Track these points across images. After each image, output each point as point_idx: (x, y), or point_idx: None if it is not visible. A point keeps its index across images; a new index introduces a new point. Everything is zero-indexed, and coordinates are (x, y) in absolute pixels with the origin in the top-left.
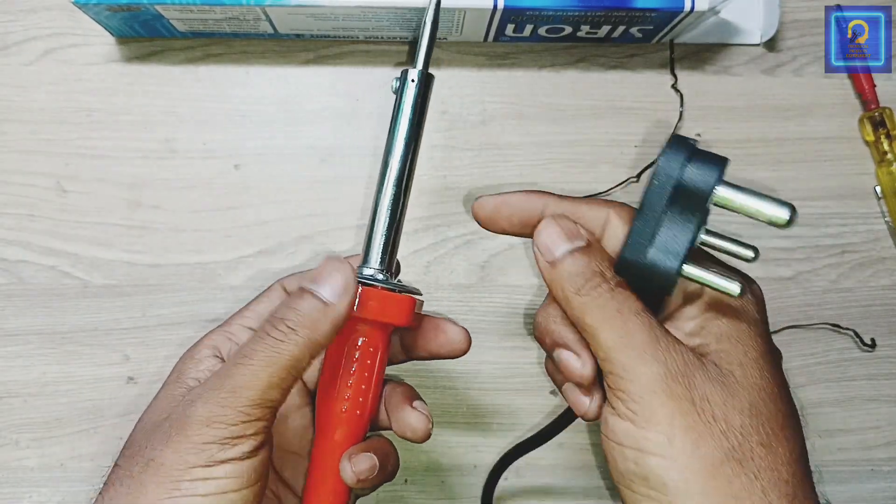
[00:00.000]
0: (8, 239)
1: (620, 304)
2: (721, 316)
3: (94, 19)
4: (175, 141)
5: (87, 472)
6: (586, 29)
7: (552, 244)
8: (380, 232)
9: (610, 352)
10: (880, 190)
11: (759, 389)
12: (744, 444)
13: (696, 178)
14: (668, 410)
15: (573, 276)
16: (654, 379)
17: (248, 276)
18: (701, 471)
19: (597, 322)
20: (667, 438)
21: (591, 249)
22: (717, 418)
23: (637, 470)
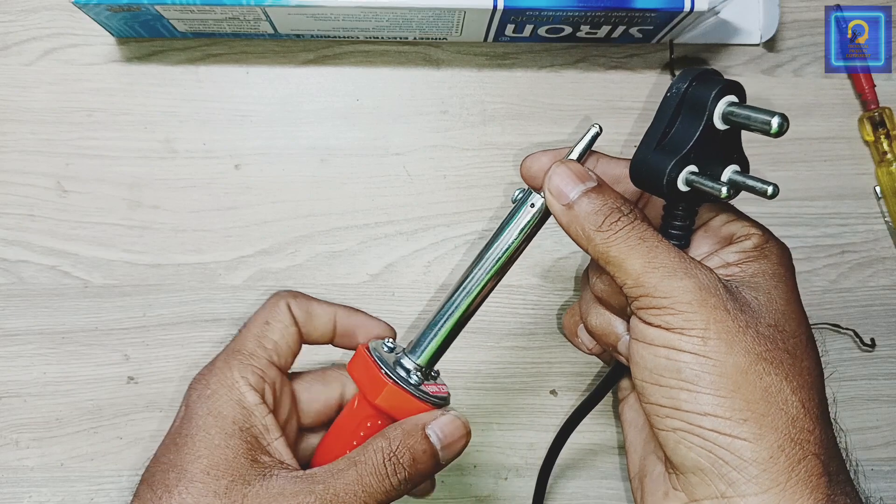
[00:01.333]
0: (8, 239)
1: (641, 233)
2: (759, 258)
3: (94, 19)
4: (175, 141)
5: (87, 472)
6: (586, 29)
7: (564, 187)
8: (438, 337)
9: (640, 277)
10: (880, 190)
11: (783, 313)
12: (773, 351)
13: (701, 91)
14: (703, 317)
15: (591, 215)
16: (687, 291)
17: (248, 276)
18: (734, 367)
19: (622, 252)
20: (702, 340)
21: (604, 188)
22: (749, 325)
23: (669, 364)
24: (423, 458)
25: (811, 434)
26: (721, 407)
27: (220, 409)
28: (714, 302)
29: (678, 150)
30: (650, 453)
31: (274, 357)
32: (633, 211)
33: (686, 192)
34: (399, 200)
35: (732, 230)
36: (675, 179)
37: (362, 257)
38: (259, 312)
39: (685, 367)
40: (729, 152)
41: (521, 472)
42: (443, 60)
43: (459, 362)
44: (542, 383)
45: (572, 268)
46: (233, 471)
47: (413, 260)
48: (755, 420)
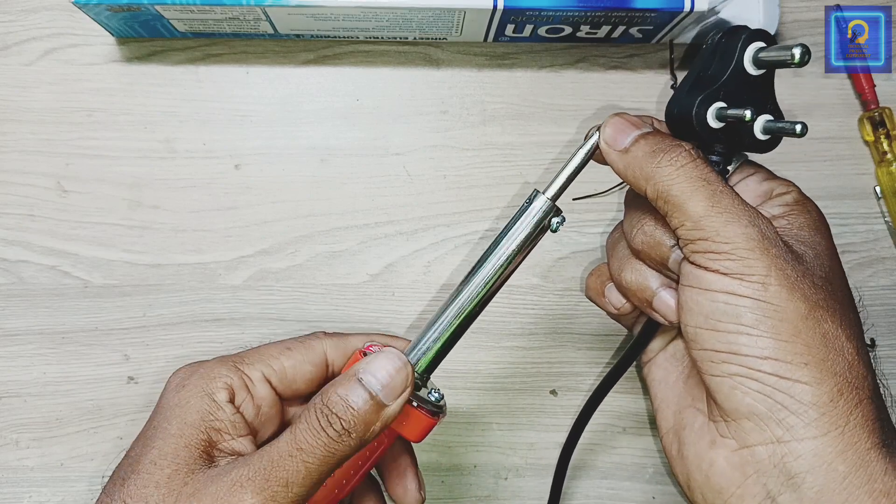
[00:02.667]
0: (8, 239)
1: (705, 174)
2: (802, 212)
3: (94, 19)
4: (175, 141)
5: (87, 472)
6: (586, 29)
7: (619, 134)
8: (436, 344)
9: (702, 219)
10: (880, 190)
11: (830, 268)
12: (828, 300)
13: (731, 39)
14: (764, 264)
15: (650, 154)
16: (750, 239)
17: (248, 276)
18: (794, 312)
19: (684, 192)
20: (762, 286)
21: (660, 133)
22: (806, 275)
23: (728, 309)
24: (360, 402)
25: (865, 379)
26: (781, 351)
27: (188, 400)
28: (775, 251)
29: (708, 87)
30: (687, 406)
31: (273, 378)
32: (693, 149)
33: (718, 129)
34: (399, 200)
35: (770, 186)
36: (704, 113)
37: (362, 257)
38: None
39: (745, 312)
40: (762, 100)
41: (521, 472)
42: (443, 60)
43: (459, 362)
44: (542, 383)
45: (572, 268)
46: (178, 460)
47: (413, 260)
48: (815, 364)
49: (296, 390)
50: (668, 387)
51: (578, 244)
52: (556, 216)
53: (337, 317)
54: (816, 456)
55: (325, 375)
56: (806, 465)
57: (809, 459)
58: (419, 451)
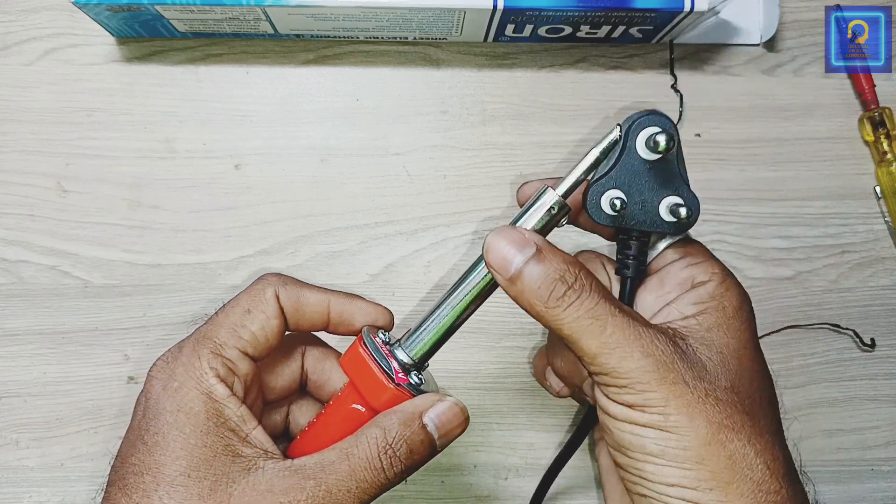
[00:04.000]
0: (8, 239)
1: (592, 309)
2: (715, 309)
3: (94, 19)
4: (175, 141)
5: (87, 472)
6: (586, 29)
7: (503, 260)
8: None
9: (596, 358)
10: (880, 190)
11: (737, 373)
12: (733, 416)
13: (626, 129)
14: (663, 394)
15: (536, 291)
16: (646, 371)
17: (248, 276)
18: (697, 438)
19: (574, 332)
20: (662, 416)
21: (544, 254)
22: (708, 394)
23: (634, 440)
24: (420, 448)
25: (777, 495)
26: (686, 479)
27: (191, 405)
28: (672, 377)
29: (603, 176)
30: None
31: (249, 349)
32: (580, 277)
33: (614, 215)
34: (399, 200)
35: (693, 273)
36: (596, 201)
37: (362, 257)
38: (241, 298)
39: (649, 443)
40: (667, 183)
41: (521, 472)
42: (443, 60)
43: (459, 362)
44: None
45: None
46: (215, 469)
47: (413, 260)
48: (721, 489)
49: (270, 347)
50: (612, 478)
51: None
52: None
53: None
54: None
55: (282, 331)
56: None
57: None
58: None
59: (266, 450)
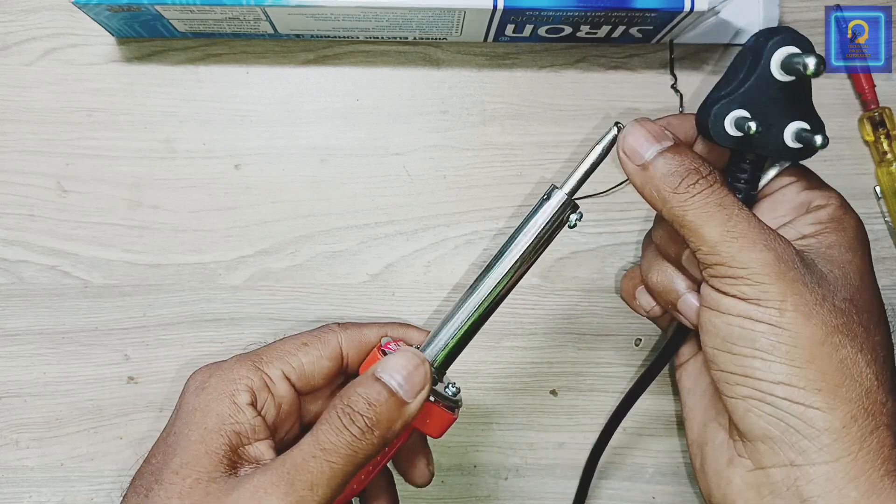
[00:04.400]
0: (8, 239)
1: (721, 199)
2: (836, 230)
3: (94, 19)
4: (175, 141)
5: (87, 472)
6: (586, 29)
7: (639, 147)
8: (452, 340)
9: (717, 245)
10: (880, 190)
11: (857, 288)
12: (849, 324)
13: (762, 42)
14: (780, 289)
15: (667, 176)
16: (766, 263)
17: (248, 276)
18: (809, 338)
19: (699, 218)
20: (778, 311)
21: (681, 148)
22: (826, 298)
23: (743, 333)
24: (381, 399)
25: (884, 406)
26: (795, 376)
27: (209, 404)
28: (792, 275)
29: (731, 94)
30: (711, 420)
31: (293, 376)
32: (713, 173)
33: (738, 137)
34: (399, 200)
35: (810, 198)
36: (721, 121)
37: (362, 257)
38: (302, 334)
39: (760, 337)
40: (796, 108)
41: (521, 472)
42: (443, 60)
43: (459, 362)
44: (542, 383)
45: (572, 268)
46: (200, 468)
47: (413, 260)
48: (829, 390)
49: (313, 386)
50: (695, 398)
51: (578, 244)
52: (573, 212)
53: (337, 317)
54: (828, 481)
55: (341, 368)
56: (818, 489)
57: (822, 484)
58: None
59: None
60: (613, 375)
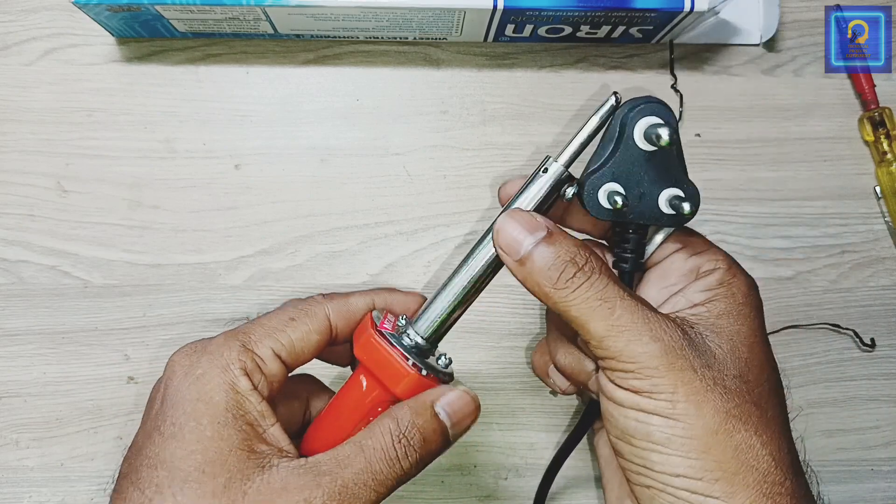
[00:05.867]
0: (8, 239)
1: (601, 291)
2: (724, 297)
3: (94, 19)
4: (175, 141)
5: (87, 472)
6: (586, 29)
7: (514, 241)
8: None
9: (603, 341)
10: (880, 190)
11: (746, 362)
12: (741, 405)
13: (624, 114)
14: (671, 381)
15: (545, 270)
16: (654, 356)
17: (248, 276)
18: (703, 428)
19: (583, 314)
20: (670, 403)
21: (556, 236)
22: (717, 382)
23: (639, 427)
24: (434, 437)
25: (782, 486)
26: (692, 468)
27: (212, 395)
28: (681, 364)
29: (601, 167)
30: (626, 496)
31: (283, 353)
32: (590, 260)
33: (614, 210)
34: (399, 200)
35: (698, 263)
36: (594, 195)
37: (362, 257)
38: (287, 308)
39: (655, 431)
40: (667, 175)
41: (521, 472)
42: (443, 60)
43: (459, 362)
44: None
45: None
46: (230, 466)
47: (413, 260)
48: (727, 479)
49: (303, 360)
50: (611, 469)
51: None
52: (569, 185)
53: None
54: None
55: (329, 340)
56: None
57: None
58: None
59: (281, 448)
60: None
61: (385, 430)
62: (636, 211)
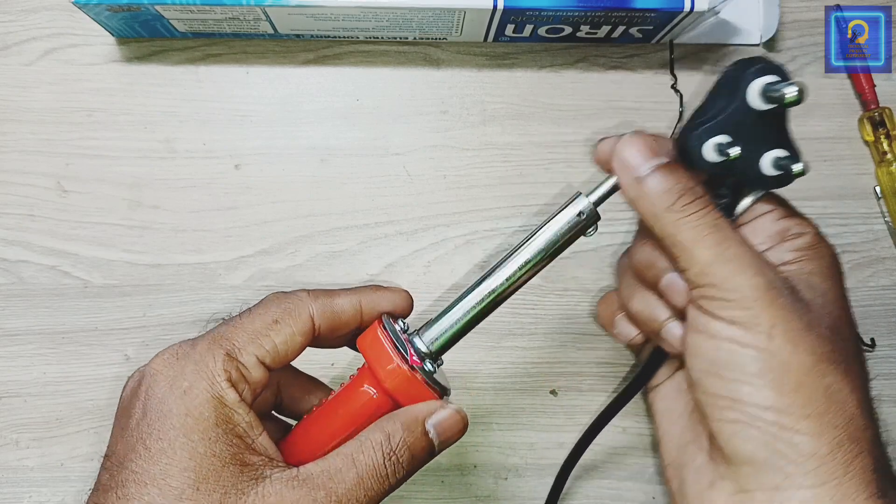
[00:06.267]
0: (8, 239)
1: (715, 220)
2: (815, 258)
3: (94, 19)
4: (175, 141)
5: (87, 472)
6: (586, 29)
7: (635, 161)
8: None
9: (708, 266)
10: (880, 190)
11: (838, 317)
12: (833, 353)
13: (740, 72)
14: (770, 315)
15: (662, 193)
16: (757, 288)
17: (248, 276)
18: (798, 365)
19: (692, 238)
20: (768, 336)
21: (676, 167)
22: (812, 326)
23: (732, 358)
24: (421, 454)
25: (865, 432)
26: (784, 402)
27: (200, 409)
28: (781, 302)
29: (710, 120)
30: (689, 443)
31: (267, 359)
32: (705, 196)
33: (718, 163)
34: (399, 200)
35: (787, 226)
36: (699, 146)
37: (362, 257)
38: (270, 306)
39: (749, 362)
40: (773, 136)
41: (521, 472)
42: (443, 60)
43: (459, 362)
44: (542, 383)
45: (573, 268)
46: (223, 481)
47: (413, 260)
48: (816, 417)
49: (285, 364)
50: (671, 420)
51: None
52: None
53: None
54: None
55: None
56: None
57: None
58: None
59: (271, 457)
60: (613, 375)
61: (377, 446)
62: (739, 168)
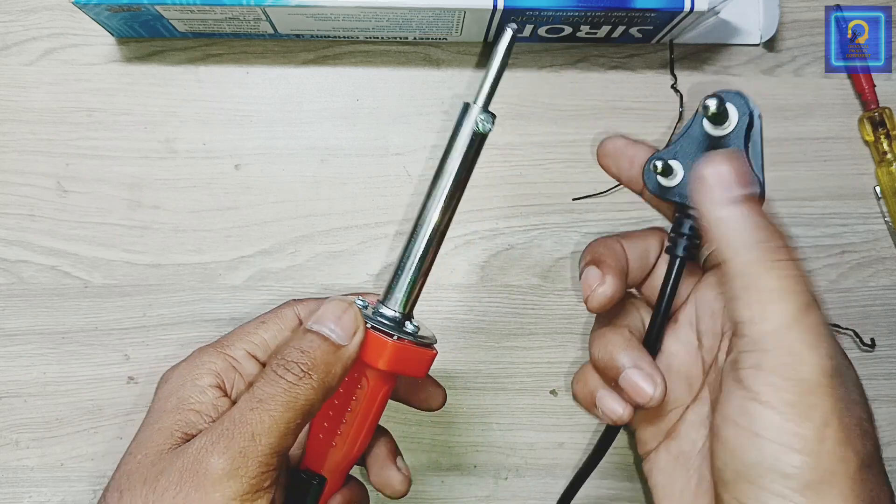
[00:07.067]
0: (8, 239)
1: (799, 275)
2: None
3: (94, 19)
4: (175, 141)
5: (87, 472)
6: (586, 29)
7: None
8: (408, 274)
9: (781, 329)
10: (880, 190)
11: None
12: (872, 454)
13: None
14: (827, 408)
15: (752, 228)
16: (824, 373)
17: (248, 276)
18: (845, 473)
19: (773, 290)
20: (818, 439)
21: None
22: (856, 423)
23: (776, 465)
24: (314, 346)
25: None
26: None
27: (171, 391)
28: (841, 393)
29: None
30: None
31: (257, 352)
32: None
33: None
34: (399, 200)
35: None
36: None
37: (362, 257)
38: (261, 315)
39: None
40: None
41: (521, 472)
42: (443, 60)
43: (459, 362)
44: (542, 383)
45: (572, 268)
46: (151, 444)
47: None
48: None
49: None
50: (673, 498)
51: (579, 244)
52: (490, 122)
53: None
54: None
55: None
56: None
57: None
58: (419, 452)
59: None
60: None
61: (267, 362)
62: (682, 192)
